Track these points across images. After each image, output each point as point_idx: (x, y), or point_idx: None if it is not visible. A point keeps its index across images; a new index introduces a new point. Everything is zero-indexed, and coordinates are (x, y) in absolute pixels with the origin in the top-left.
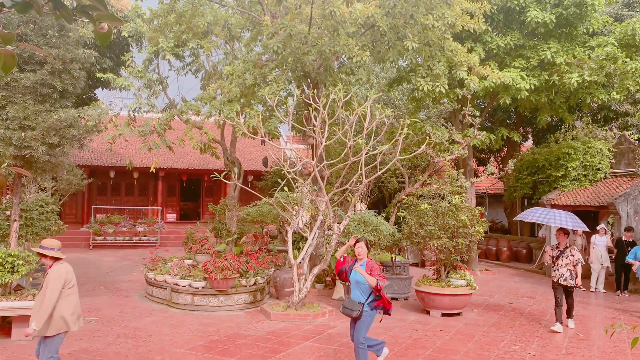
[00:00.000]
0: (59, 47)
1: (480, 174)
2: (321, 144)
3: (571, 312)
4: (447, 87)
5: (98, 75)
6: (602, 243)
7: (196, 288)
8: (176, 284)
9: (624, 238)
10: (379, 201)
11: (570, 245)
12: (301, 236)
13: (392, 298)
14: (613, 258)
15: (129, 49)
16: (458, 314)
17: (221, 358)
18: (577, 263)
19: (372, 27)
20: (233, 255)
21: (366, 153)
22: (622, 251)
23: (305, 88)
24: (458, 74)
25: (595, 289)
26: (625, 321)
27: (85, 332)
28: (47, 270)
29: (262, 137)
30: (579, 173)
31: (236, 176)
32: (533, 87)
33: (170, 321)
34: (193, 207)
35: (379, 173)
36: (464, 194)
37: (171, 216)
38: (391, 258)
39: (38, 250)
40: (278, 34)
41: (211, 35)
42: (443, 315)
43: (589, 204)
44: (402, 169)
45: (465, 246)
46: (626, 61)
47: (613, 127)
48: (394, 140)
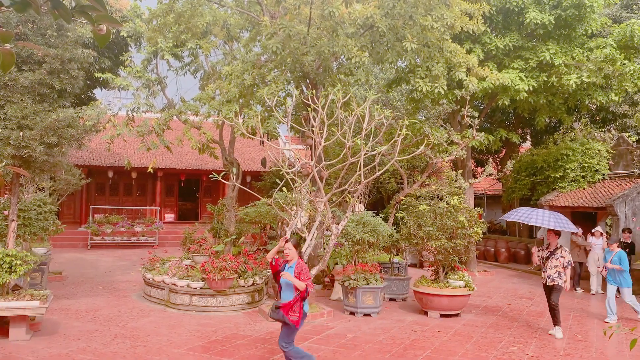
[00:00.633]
0: (58, 47)
1: (478, 175)
2: (320, 145)
3: (556, 317)
4: (446, 88)
5: (97, 75)
6: (599, 245)
7: (194, 288)
8: (174, 285)
9: (622, 239)
10: (378, 202)
11: (561, 246)
12: (300, 237)
13: (391, 299)
14: None
15: (128, 49)
16: (456, 315)
17: (219, 359)
18: (568, 265)
19: (371, 28)
20: (231, 255)
21: (365, 154)
22: None
23: (304, 88)
24: (457, 75)
25: (595, 292)
26: (623, 323)
27: (83, 332)
28: None
29: (261, 138)
30: (578, 174)
31: (235, 176)
32: (532, 89)
33: (168, 321)
34: (191, 208)
35: (378, 174)
36: (463, 195)
37: (169, 216)
38: (390, 259)
39: None
40: (277, 35)
41: (210, 35)
42: (441, 316)
43: (587, 205)
44: (401, 170)
45: (463, 247)
46: (625, 63)
47: (611, 129)
48: (393, 141)
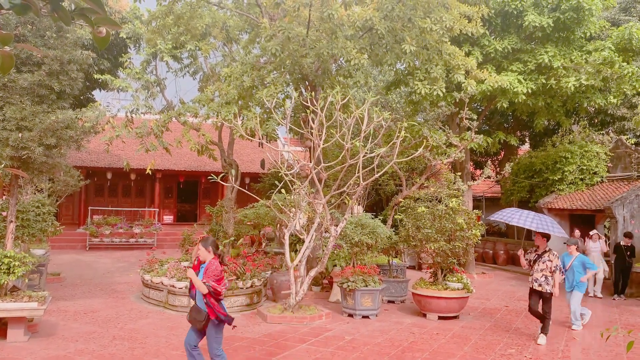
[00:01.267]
0: (57, 48)
1: (477, 177)
2: (319, 147)
3: (545, 325)
4: (445, 91)
5: (96, 76)
6: (596, 248)
7: None
8: (173, 286)
9: (623, 243)
10: (376, 204)
11: (550, 249)
12: (298, 239)
13: (389, 301)
14: (612, 262)
15: (127, 51)
16: (455, 317)
17: None
18: (555, 269)
19: (370, 30)
20: (230, 257)
21: (364, 156)
22: (621, 256)
23: (303, 90)
24: (455, 78)
25: (594, 294)
26: (621, 325)
27: (81, 334)
28: None
29: (260, 139)
30: (576, 177)
31: (233, 178)
32: (530, 91)
33: (166, 323)
34: (190, 209)
35: (377, 176)
36: (461, 197)
37: (168, 218)
38: (388, 261)
39: None
40: (276, 37)
41: (209, 37)
42: (440, 318)
43: (586, 208)
44: (400, 172)
45: (462, 249)
46: (623, 65)
47: (610, 131)
48: (392, 143)
